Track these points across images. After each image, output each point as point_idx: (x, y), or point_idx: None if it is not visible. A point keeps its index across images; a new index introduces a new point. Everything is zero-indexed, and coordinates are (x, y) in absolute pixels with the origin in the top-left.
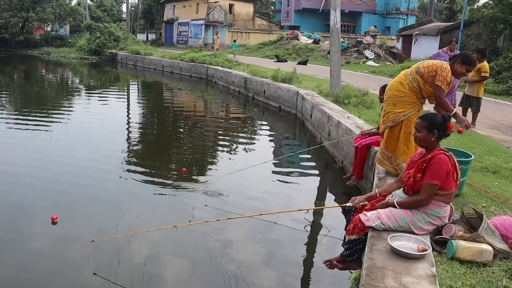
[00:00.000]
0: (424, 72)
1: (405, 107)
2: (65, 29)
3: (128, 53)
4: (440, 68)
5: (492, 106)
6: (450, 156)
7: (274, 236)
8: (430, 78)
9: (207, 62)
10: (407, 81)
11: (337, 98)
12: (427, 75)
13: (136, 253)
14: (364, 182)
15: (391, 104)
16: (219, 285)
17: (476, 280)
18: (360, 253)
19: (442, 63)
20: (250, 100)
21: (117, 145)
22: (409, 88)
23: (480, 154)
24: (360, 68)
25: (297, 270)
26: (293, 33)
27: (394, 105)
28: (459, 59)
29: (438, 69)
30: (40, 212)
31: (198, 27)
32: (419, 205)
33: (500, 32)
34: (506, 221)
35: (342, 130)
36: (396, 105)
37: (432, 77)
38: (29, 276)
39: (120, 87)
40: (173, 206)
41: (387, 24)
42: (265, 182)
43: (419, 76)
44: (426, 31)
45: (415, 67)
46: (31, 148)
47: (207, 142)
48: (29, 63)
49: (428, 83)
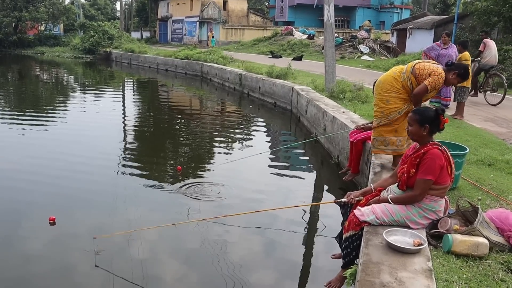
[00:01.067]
0: (419, 74)
1: (399, 103)
2: (59, 28)
3: (122, 52)
4: (435, 72)
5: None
6: (444, 150)
7: (270, 233)
8: (422, 79)
9: (202, 59)
10: (401, 79)
11: (332, 93)
12: (421, 77)
13: (135, 250)
14: (360, 177)
15: (384, 100)
16: (217, 282)
17: (473, 273)
18: (357, 250)
19: (438, 68)
20: (246, 96)
21: (113, 143)
22: (402, 86)
23: (476, 147)
24: (355, 62)
25: (294, 266)
26: (287, 29)
27: (387, 101)
28: (457, 71)
29: (432, 72)
30: (36, 213)
31: (193, 24)
32: (413, 200)
33: (494, 25)
34: (502, 213)
35: (338, 125)
36: (389, 101)
37: (424, 78)
38: (25, 277)
39: (115, 85)
40: (170, 204)
41: (382, 19)
42: (261, 179)
43: (414, 77)
44: (420, 25)
45: (411, 67)
46: (26, 147)
47: (203, 139)
48: (23, 63)
49: (420, 83)
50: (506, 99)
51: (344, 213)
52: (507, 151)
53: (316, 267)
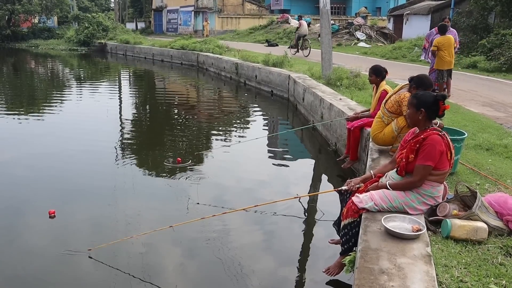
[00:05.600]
0: (391, 109)
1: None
2: (53, 20)
3: (117, 43)
4: (402, 99)
5: (484, 83)
6: (444, 136)
7: (271, 226)
8: (397, 111)
9: (198, 49)
10: (385, 122)
11: (329, 80)
12: (393, 109)
13: (134, 255)
14: (358, 164)
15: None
16: (218, 273)
17: (472, 258)
18: (356, 237)
19: (400, 95)
20: (242, 85)
21: (111, 135)
22: (388, 123)
23: (474, 132)
24: (352, 49)
25: (293, 254)
26: (283, 16)
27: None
28: (414, 84)
29: (400, 101)
30: (36, 206)
31: (188, 14)
32: (412, 186)
33: (491, 9)
34: (500, 197)
35: (335, 112)
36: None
37: (398, 109)
38: (24, 271)
39: (111, 77)
40: (169, 201)
41: (378, 5)
42: (260, 168)
43: (389, 112)
44: (417, 10)
45: (382, 109)
46: (22, 141)
47: (200, 130)
48: (17, 56)
49: (397, 113)
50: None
51: (342, 200)
52: (505, 135)
53: (315, 254)
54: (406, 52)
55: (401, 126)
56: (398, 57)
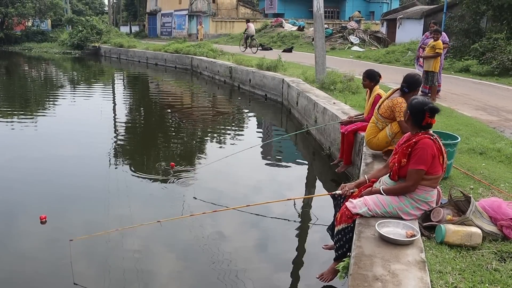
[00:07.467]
0: (384, 115)
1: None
2: (47, 23)
3: (111, 46)
4: (395, 105)
5: (477, 87)
6: (435, 140)
7: (262, 228)
8: (390, 116)
9: (192, 53)
10: (379, 127)
11: (322, 84)
12: (386, 114)
13: (119, 250)
14: (352, 168)
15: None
16: (209, 277)
17: (466, 264)
18: (350, 243)
19: (392, 100)
20: (236, 89)
21: (105, 140)
22: (382, 128)
23: (467, 136)
24: (346, 53)
25: (286, 259)
26: (277, 20)
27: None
28: (406, 89)
29: (393, 106)
30: (27, 211)
31: (182, 18)
32: (406, 191)
33: (483, 13)
34: (494, 202)
35: (328, 116)
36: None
37: (391, 114)
38: (15, 276)
39: (105, 81)
40: (161, 201)
41: (371, 9)
42: (253, 172)
43: (383, 117)
44: (410, 15)
45: (376, 114)
46: (14, 145)
47: (194, 134)
48: (11, 60)
49: (391, 118)
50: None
51: (336, 205)
52: (498, 139)
53: (309, 259)
54: (400, 56)
55: (395, 131)
56: (391, 61)
